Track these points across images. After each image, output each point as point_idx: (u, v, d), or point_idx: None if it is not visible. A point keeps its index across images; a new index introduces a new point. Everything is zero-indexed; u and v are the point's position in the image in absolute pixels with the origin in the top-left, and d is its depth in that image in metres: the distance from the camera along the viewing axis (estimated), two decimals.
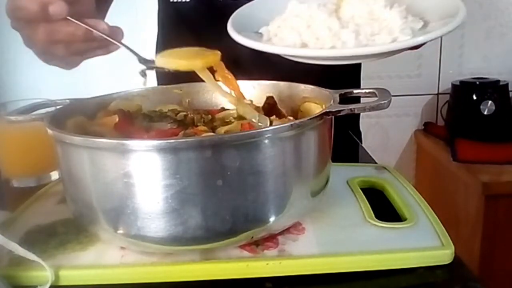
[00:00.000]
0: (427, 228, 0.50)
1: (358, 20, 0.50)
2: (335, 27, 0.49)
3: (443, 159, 1.52)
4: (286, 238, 0.48)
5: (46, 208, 0.58)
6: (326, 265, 0.45)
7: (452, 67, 1.73)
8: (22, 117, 0.53)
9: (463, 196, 1.42)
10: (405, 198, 0.56)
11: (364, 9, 0.50)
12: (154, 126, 0.55)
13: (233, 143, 0.41)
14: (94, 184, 0.44)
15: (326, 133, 0.49)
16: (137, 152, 0.41)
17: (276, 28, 0.54)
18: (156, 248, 0.45)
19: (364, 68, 0.95)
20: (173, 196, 0.41)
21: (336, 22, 0.49)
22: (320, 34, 0.49)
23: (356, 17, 0.50)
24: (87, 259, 0.47)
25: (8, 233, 0.46)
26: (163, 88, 0.64)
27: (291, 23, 0.52)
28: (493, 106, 1.54)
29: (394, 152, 1.79)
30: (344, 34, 0.48)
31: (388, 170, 0.65)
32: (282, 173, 0.44)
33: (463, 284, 0.44)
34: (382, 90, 0.51)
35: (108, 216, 0.44)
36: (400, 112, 1.76)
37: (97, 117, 0.55)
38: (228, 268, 0.45)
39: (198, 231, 0.43)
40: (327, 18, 0.50)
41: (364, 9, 0.50)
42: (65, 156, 0.46)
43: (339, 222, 0.51)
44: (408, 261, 0.46)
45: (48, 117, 0.48)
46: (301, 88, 0.58)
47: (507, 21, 1.70)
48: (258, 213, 0.44)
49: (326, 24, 0.49)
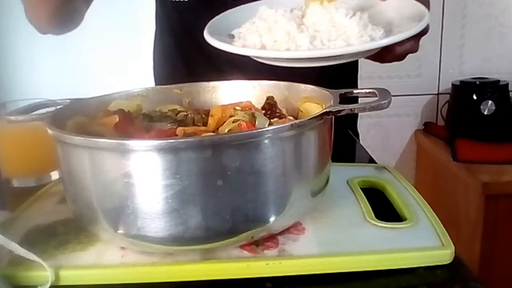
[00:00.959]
0: (427, 228, 0.50)
1: (319, 27, 0.53)
2: (293, 31, 0.53)
3: (443, 159, 1.52)
4: (286, 238, 0.48)
5: (46, 208, 0.58)
6: (326, 265, 0.45)
7: (452, 67, 1.73)
8: (22, 117, 0.53)
9: (463, 196, 1.42)
10: (405, 198, 0.56)
11: (326, 17, 0.53)
12: (154, 126, 0.55)
13: (233, 143, 0.41)
14: (94, 184, 0.44)
15: (326, 133, 0.49)
16: (137, 152, 0.41)
17: (245, 30, 0.57)
18: (156, 248, 0.45)
19: (364, 68, 0.96)
20: (173, 196, 0.41)
21: (294, 27, 0.53)
22: (278, 37, 0.53)
23: (317, 24, 0.53)
24: (87, 259, 0.47)
25: (8, 233, 0.46)
26: (163, 88, 0.64)
27: (256, 26, 0.55)
28: (493, 106, 1.54)
29: (394, 152, 1.80)
30: (299, 38, 0.52)
31: (388, 170, 0.65)
32: (282, 173, 0.44)
33: (463, 284, 0.44)
34: (382, 90, 0.51)
35: (108, 216, 0.44)
36: (400, 112, 1.76)
37: (97, 117, 0.55)
38: (228, 268, 0.45)
39: (198, 231, 0.43)
40: (287, 22, 0.53)
41: (326, 16, 0.53)
42: (65, 156, 0.46)
43: (339, 222, 0.51)
44: (408, 261, 0.45)
45: (48, 117, 0.48)
46: (301, 88, 0.58)
47: (507, 21, 1.71)
48: (258, 213, 0.44)
49: (285, 28, 0.53)
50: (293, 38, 0.52)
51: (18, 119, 0.53)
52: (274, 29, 0.54)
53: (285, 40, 0.53)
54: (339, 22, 0.53)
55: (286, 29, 0.53)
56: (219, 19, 0.60)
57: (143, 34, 1.10)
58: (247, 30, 0.56)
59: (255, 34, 0.54)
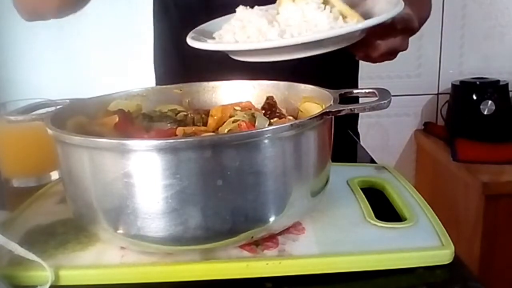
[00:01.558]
0: (427, 228, 0.50)
1: (291, 22, 0.55)
2: (263, 27, 0.55)
3: (443, 159, 1.52)
4: (286, 238, 0.48)
5: (46, 208, 0.58)
6: (326, 265, 0.45)
7: (452, 67, 1.73)
8: (22, 117, 0.53)
9: (463, 196, 1.42)
10: (405, 198, 0.56)
11: (297, 12, 0.55)
12: (154, 126, 0.55)
13: (233, 143, 0.41)
14: (94, 184, 0.44)
15: (326, 133, 0.49)
16: (137, 152, 0.41)
17: (223, 31, 0.59)
18: (156, 248, 0.45)
19: (364, 68, 0.95)
20: (173, 196, 0.41)
21: (265, 23, 0.55)
22: (250, 33, 0.55)
23: (290, 19, 0.55)
24: (87, 259, 0.47)
25: (8, 233, 0.46)
26: (163, 88, 0.64)
27: (232, 26, 0.58)
28: (493, 106, 1.54)
29: (394, 152, 1.80)
30: (269, 33, 0.54)
31: (388, 170, 0.65)
32: (282, 173, 0.44)
33: (463, 284, 0.44)
34: (382, 90, 0.51)
35: (108, 216, 0.44)
36: (400, 112, 1.76)
37: (97, 117, 0.55)
38: (228, 268, 0.45)
39: (198, 231, 0.43)
40: (258, 19, 0.56)
41: (297, 12, 0.55)
42: (65, 156, 0.46)
43: (339, 222, 0.51)
44: (408, 261, 0.46)
45: (48, 117, 0.48)
46: (301, 88, 0.58)
47: (507, 21, 1.71)
48: (258, 213, 0.44)
49: (257, 25, 0.55)
50: (264, 33, 0.54)
51: (18, 119, 0.53)
52: (247, 27, 0.56)
53: (256, 35, 0.55)
54: (310, 16, 0.54)
55: (257, 26, 0.55)
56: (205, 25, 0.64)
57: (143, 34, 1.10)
58: (224, 30, 0.59)
59: (230, 32, 0.57)
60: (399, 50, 0.61)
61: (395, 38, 0.58)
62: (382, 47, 0.58)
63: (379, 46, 0.58)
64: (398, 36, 0.58)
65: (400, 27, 0.58)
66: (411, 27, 0.60)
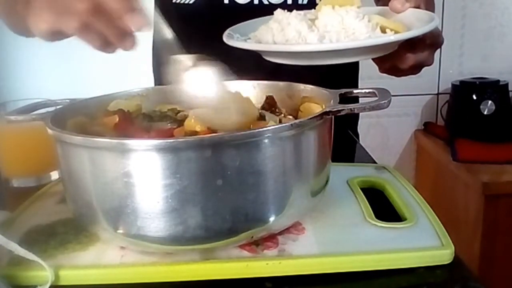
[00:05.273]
0: (427, 228, 0.50)
1: (330, 28, 0.55)
2: (303, 31, 0.55)
3: (443, 159, 1.52)
4: (286, 238, 0.48)
5: (46, 208, 0.58)
6: (326, 265, 0.45)
7: (452, 67, 1.73)
8: (22, 117, 0.53)
9: (463, 196, 1.42)
10: (405, 198, 0.56)
11: (337, 19, 0.55)
12: (154, 126, 0.55)
13: (233, 142, 0.41)
14: (94, 184, 0.44)
15: (326, 133, 0.49)
16: (137, 152, 0.41)
17: (260, 32, 0.59)
18: (156, 248, 0.45)
19: (365, 68, 0.95)
20: (173, 195, 0.41)
21: (305, 27, 0.55)
22: (289, 36, 0.55)
23: (328, 25, 0.55)
24: (87, 259, 0.47)
25: (8, 233, 0.46)
26: (163, 88, 0.64)
27: (271, 28, 0.58)
28: (493, 106, 1.54)
29: (394, 152, 1.79)
30: (309, 37, 0.54)
31: (388, 170, 0.65)
32: (282, 173, 0.44)
33: (463, 284, 0.44)
34: (382, 90, 0.51)
35: (108, 216, 0.44)
36: (400, 112, 1.76)
37: (97, 117, 0.55)
38: (228, 268, 0.45)
39: (198, 231, 0.43)
40: (298, 23, 0.56)
41: (336, 19, 0.55)
42: (65, 156, 0.46)
43: (339, 222, 0.51)
44: (408, 261, 0.46)
45: (48, 117, 0.48)
46: (301, 88, 0.58)
47: (507, 21, 1.71)
48: (258, 213, 0.44)
49: (297, 28, 0.55)
50: (303, 37, 0.54)
51: (18, 119, 0.53)
52: (286, 29, 0.56)
53: (295, 38, 0.55)
54: (348, 24, 0.54)
55: (297, 29, 0.55)
56: (239, 26, 0.64)
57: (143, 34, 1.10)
58: (262, 31, 0.59)
59: (269, 33, 0.57)
60: (425, 64, 0.61)
61: (423, 52, 0.58)
62: (411, 60, 0.58)
63: (408, 59, 0.58)
64: (426, 51, 0.59)
65: (429, 42, 0.58)
66: (438, 42, 0.60)
